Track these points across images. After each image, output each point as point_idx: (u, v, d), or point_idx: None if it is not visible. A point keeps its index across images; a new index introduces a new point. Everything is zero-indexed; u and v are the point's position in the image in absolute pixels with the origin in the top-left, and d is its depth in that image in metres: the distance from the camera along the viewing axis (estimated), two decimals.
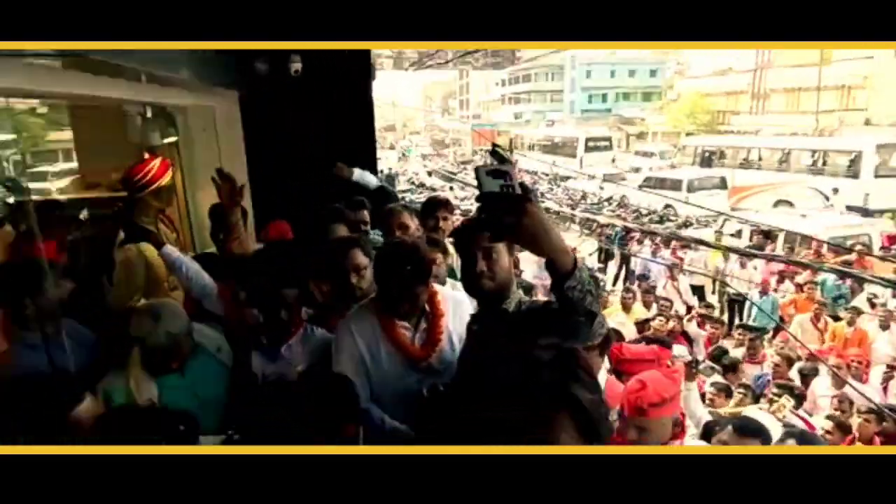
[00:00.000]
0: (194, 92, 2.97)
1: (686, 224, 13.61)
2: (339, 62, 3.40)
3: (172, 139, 3.15)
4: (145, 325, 1.78)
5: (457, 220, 3.01)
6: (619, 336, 4.02)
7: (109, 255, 2.68)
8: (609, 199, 17.48)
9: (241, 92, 3.31)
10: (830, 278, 7.45)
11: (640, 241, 11.31)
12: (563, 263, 1.07)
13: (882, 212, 12.76)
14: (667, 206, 15.63)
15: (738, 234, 10.38)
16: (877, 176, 13.98)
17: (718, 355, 5.33)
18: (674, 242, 10.26)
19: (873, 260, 8.16)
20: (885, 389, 4.72)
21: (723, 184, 15.74)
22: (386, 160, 27.92)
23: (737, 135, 24.14)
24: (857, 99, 25.82)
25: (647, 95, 44.74)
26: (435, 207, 2.91)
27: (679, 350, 5.26)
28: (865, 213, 12.55)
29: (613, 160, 24.99)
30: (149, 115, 2.76)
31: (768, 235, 9.49)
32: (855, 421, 3.71)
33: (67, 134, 3.68)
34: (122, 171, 2.86)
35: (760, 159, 17.16)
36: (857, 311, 6.27)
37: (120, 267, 2.61)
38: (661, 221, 14.48)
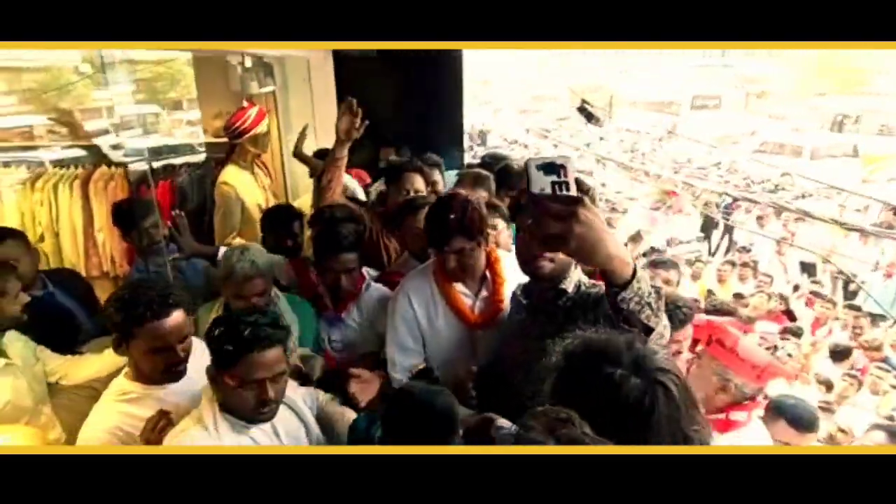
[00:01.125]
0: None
1: (804, 195, 12.25)
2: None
3: (270, 89, 3.33)
4: (234, 255, 1.89)
5: None
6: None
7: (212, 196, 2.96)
8: (718, 164, 16.10)
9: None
10: None
11: (748, 211, 10.40)
12: (620, 274, 0.95)
13: None
14: (784, 174, 14.13)
15: (865, 209, 9.19)
16: None
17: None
18: (785, 214, 9.34)
19: None
20: None
21: (854, 152, 13.87)
22: (479, 114, 27.53)
23: (878, 96, 20.95)
24: None
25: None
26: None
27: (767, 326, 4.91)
28: None
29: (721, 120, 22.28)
30: (248, 64, 2.94)
31: None
32: None
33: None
34: (223, 118, 3.11)
35: None
36: None
37: (218, 206, 2.87)
38: (774, 191, 13.14)
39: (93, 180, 3.28)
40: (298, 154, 2.94)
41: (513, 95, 42.18)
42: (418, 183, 2.52)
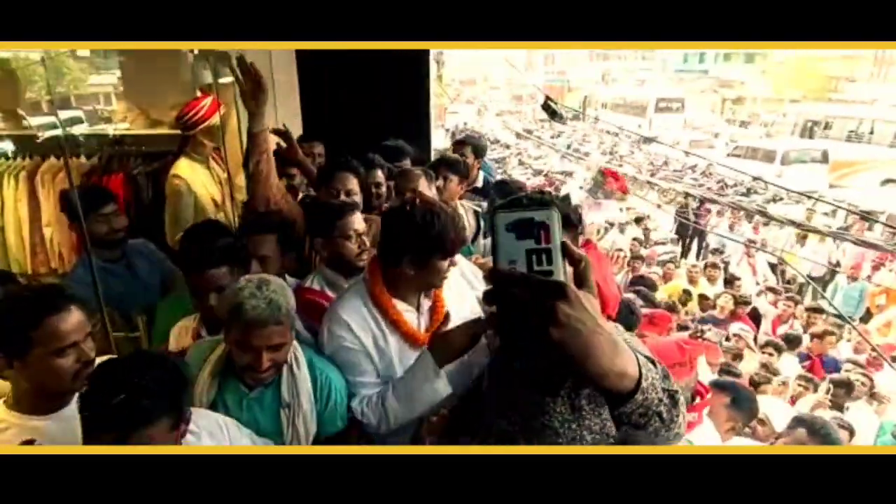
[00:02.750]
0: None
1: (775, 199, 12.50)
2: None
3: (229, 79, 3.22)
4: (246, 288, 1.40)
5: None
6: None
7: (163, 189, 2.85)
8: (693, 168, 16.37)
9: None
10: None
11: (720, 213, 10.57)
12: (617, 389, 0.68)
13: None
14: (755, 178, 14.43)
15: (833, 213, 9.40)
16: None
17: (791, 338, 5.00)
18: (756, 218, 9.52)
19: None
20: None
21: (824, 157, 14.20)
22: (462, 115, 27.65)
23: (847, 104, 21.59)
24: None
25: (751, 57, 40.64)
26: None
27: (737, 328, 4.99)
28: None
29: (685, 122, 23.47)
30: (196, 52, 2.83)
31: (867, 219, 8.52)
32: None
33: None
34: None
35: (872, 133, 15.25)
36: None
37: (169, 200, 2.76)
38: (747, 194, 13.39)
39: (40, 172, 3.14)
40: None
41: (496, 95, 42.45)
42: (350, 184, 2.24)
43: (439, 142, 15.79)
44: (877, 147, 14.65)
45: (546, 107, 3.26)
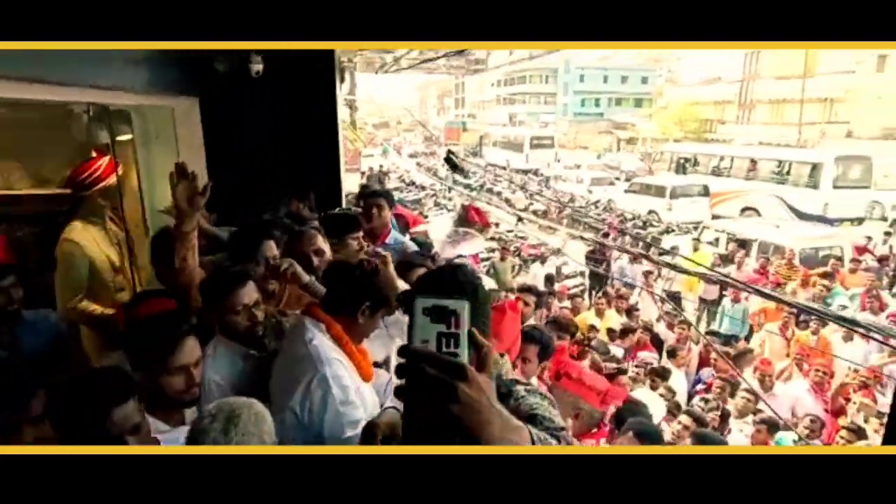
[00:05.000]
0: (149, 95, 2.95)
1: (668, 230, 13.74)
2: (302, 63, 3.40)
3: (126, 137, 3.12)
4: (204, 421, 1.27)
5: None
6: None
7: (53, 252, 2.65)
8: (596, 203, 17.63)
9: (200, 96, 3.30)
10: None
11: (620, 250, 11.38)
12: None
13: (841, 221, 13.50)
14: (650, 211, 15.83)
15: (716, 241, 10.48)
16: (835, 187, 14.52)
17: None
18: (652, 249, 10.37)
19: (845, 272, 8.31)
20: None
21: (705, 191, 15.91)
22: (376, 158, 27.97)
23: (708, 143, 24.71)
24: (839, 112, 26.21)
25: (639, 101, 45.02)
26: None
27: (645, 356, 5.36)
28: (824, 221, 13.09)
29: (557, 157, 27.46)
30: (91, 112, 2.73)
31: (743, 245, 9.61)
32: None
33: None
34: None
35: (731, 167, 17.50)
36: (823, 322, 6.34)
37: (59, 265, 2.58)
38: (644, 226, 14.61)
39: None
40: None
41: (409, 137, 43.40)
42: (271, 251, 2.15)
43: (353, 185, 15.81)
44: (734, 180, 16.87)
45: (448, 160, 3.44)
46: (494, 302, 2.69)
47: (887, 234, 10.46)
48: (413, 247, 3.20)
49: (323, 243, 2.18)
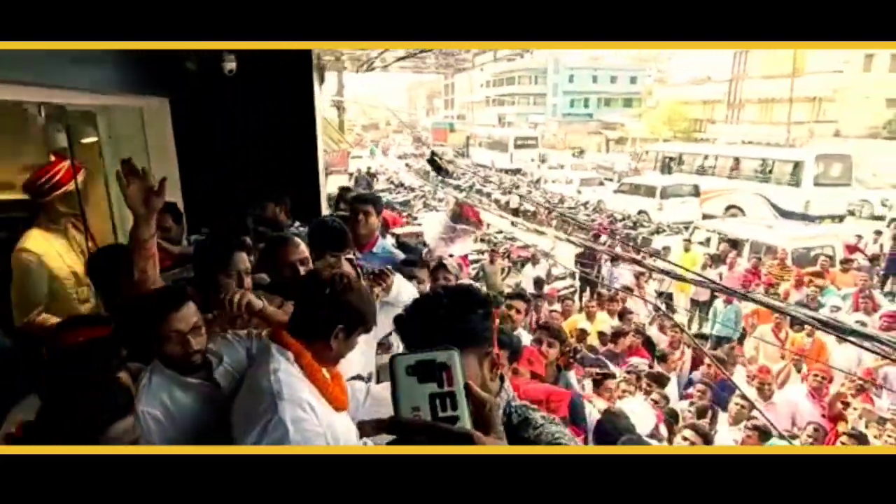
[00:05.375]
0: (114, 95, 2.78)
1: (658, 230, 13.69)
2: (278, 61, 3.24)
3: (91, 139, 2.95)
4: None
5: None
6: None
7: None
8: (586, 204, 17.57)
9: (170, 97, 3.13)
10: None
11: (611, 247, 11.30)
12: None
13: (822, 218, 13.77)
14: (640, 211, 15.79)
15: (707, 241, 10.42)
16: (816, 184, 14.72)
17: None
18: (642, 251, 10.30)
19: (836, 272, 8.27)
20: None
21: (696, 191, 15.88)
22: (365, 160, 27.81)
23: (698, 143, 24.99)
24: (827, 111, 26.43)
25: (628, 101, 45.18)
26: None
27: (636, 361, 5.25)
28: (806, 219, 13.41)
29: (542, 158, 28.29)
30: (43, 114, 2.55)
31: (735, 245, 9.55)
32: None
33: None
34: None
35: (715, 166, 17.65)
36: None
37: (15, 276, 2.41)
38: (634, 227, 14.55)
39: None
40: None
41: (398, 138, 43.26)
42: (243, 263, 1.94)
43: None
44: (719, 178, 17.01)
45: (431, 161, 3.30)
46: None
47: (878, 232, 10.46)
48: (401, 255, 3.06)
49: (308, 252, 2.02)
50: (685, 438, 3.23)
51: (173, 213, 2.80)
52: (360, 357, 1.89)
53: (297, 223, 2.94)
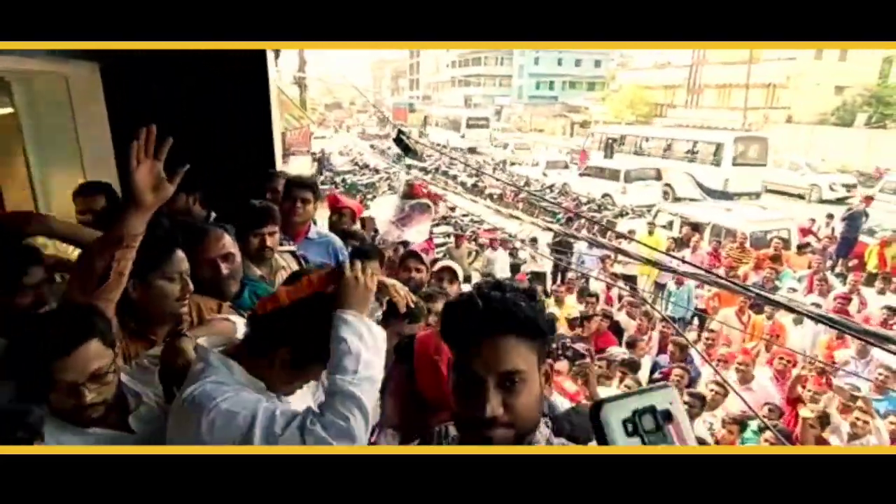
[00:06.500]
0: (32, 58, 2.43)
1: (622, 213, 13.82)
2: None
3: (6, 111, 2.60)
4: None
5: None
6: None
7: None
8: (551, 187, 17.59)
9: (101, 63, 2.78)
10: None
11: (577, 230, 11.33)
12: None
13: (739, 195, 15.18)
14: (605, 195, 15.94)
15: (670, 225, 10.56)
16: (734, 164, 16.35)
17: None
18: (609, 233, 10.36)
19: (790, 254, 8.51)
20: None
21: (658, 175, 16.11)
22: (329, 140, 27.08)
23: (633, 125, 26.41)
24: (780, 98, 27.27)
25: (592, 85, 45.51)
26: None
27: (614, 350, 5.20)
28: (725, 196, 14.92)
29: (491, 137, 29.67)
30: None
31: (696, 228, 9.70)
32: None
33: None
34: None
35: (650, 147, 19.30)
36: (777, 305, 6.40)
37: None
38: (599, 210, 14.66)
39: None
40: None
41: (363, 118, 42.38)
42: (183, 264, 1.63)
43: (305, 168, 15.11)
44: (654, 158, 18.44)
45: (398, 140, 3.07)
46: None
47: (830, 216, 10.81)
48: (337, 239, 2.84)
49: (232, 245, 1.75)
50: None
51: (108, 194, 2.49)
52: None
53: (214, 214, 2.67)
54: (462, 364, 0.88)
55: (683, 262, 6.04)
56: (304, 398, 1.29)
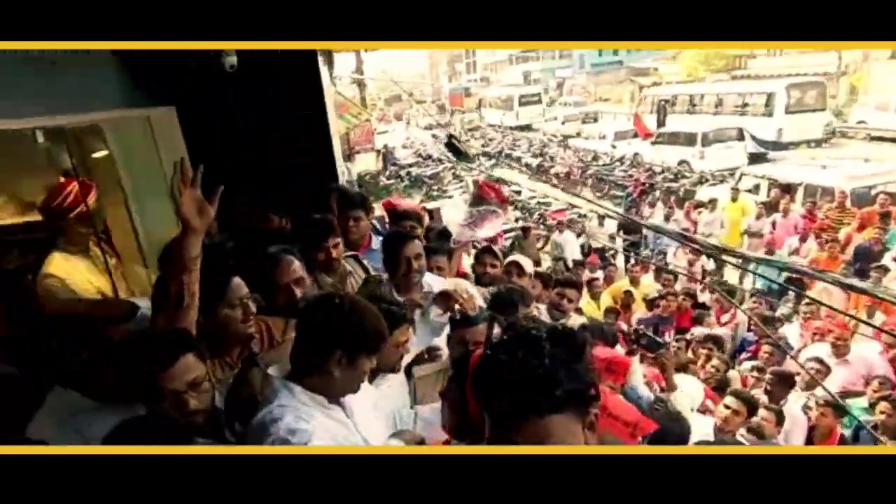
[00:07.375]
0: (121, 109, 2.70)
1: (702, 180, 12.97)
2: (277, 53, 3.07)
3: (102, 154, 2.89)
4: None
5: None
6: None
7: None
8: (622, 159, 16.83)
9: (175, 104, 3.03)
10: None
11: (651, 205, 10.81)
12: None
13: (797, 144, 15.28)
14: (681, 161, 14.98)
15: (756, 188, 9.79)
16: (787, 112, 15.73)
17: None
18: (687, 204, 9.81)
19: None
20: None
21: (740, 135, 14.88)
22: (392, 133, 27.44)
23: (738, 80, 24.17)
24: None
25: None
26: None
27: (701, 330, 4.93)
28: (779, 146, 15.04)
29: (543, 113, 29.00)
30: (36, 134, 2.48)
31: (788, 189, 8.91)
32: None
33: None
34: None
35: (702, 105, 18.53)
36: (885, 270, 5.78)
37: (42, 303, 2.39)
38: (675, 179, 13.82)
39: None
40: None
41: (423, 109, 42.46)
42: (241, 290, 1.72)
43: (370, 164, 15.41)
44: (706, 116, 17.52)
45: (449, 145, 3.08)
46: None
47: None
48: None
49: (301, 269, 1.86)
50: (727, 407, 3.01)
51: None
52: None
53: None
54: (498, 432, 0.80)
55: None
56: (366, 395, 1.44)
